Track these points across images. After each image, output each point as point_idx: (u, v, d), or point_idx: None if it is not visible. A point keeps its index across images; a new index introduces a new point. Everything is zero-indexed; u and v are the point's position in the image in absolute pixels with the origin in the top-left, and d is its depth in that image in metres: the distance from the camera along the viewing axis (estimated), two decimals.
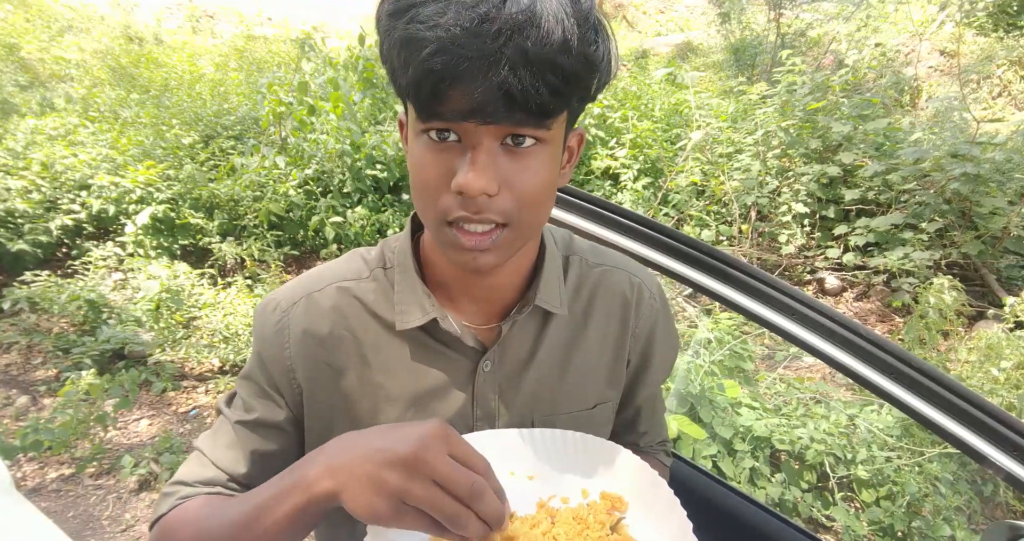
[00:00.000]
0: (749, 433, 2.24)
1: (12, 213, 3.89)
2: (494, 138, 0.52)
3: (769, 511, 1.07)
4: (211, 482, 0.69)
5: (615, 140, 5.17)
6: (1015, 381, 2.59)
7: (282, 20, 9.85)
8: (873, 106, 4.67)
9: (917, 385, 0.78)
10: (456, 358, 0.69)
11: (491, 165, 0.52)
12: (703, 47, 9.56)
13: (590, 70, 0.50)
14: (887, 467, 2.19)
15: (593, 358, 0.76)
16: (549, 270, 0.71)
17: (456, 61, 0.46)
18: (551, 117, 0.51)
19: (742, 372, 2.62)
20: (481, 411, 0.71)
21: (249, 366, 0.72)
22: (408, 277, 0.69)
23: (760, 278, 0.87)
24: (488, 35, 0.45)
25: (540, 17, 0.46)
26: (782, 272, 4.38)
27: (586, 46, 0.49)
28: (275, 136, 4.67)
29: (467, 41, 0.45)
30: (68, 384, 2.79)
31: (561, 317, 0.73)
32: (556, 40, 0.46)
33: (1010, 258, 4.00)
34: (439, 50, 0.46)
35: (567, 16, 0.47)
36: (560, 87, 0.48)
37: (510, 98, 0.47)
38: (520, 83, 0.46)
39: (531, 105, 0.48)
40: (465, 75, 0.46)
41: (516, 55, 0.45)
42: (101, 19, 9.05)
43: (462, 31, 0.45)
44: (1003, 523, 0.76)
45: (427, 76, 0.47)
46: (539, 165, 0.54)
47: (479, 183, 0.51)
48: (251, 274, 4.00)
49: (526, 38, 0.45)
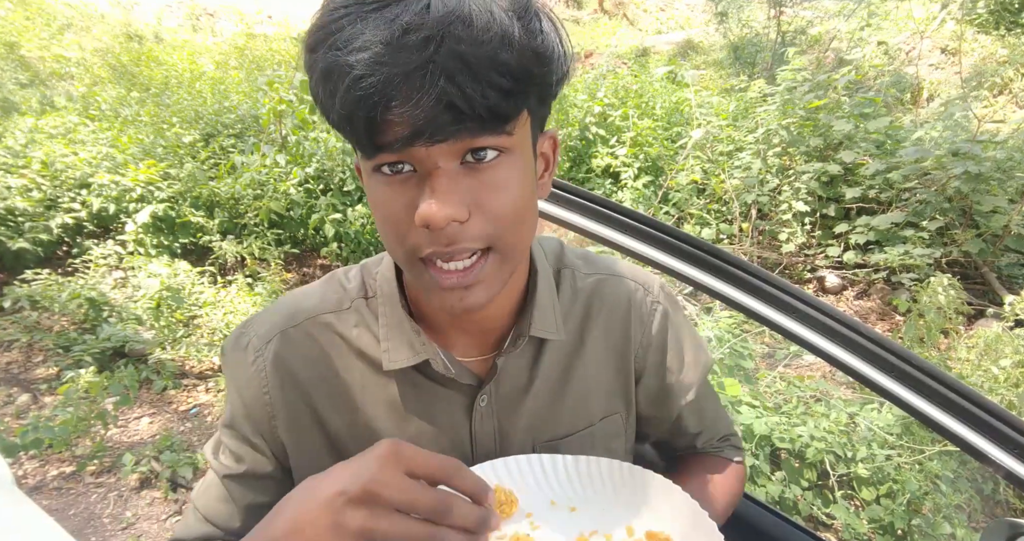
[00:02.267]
0: (749, 431, 2.24)
1: (12, 211, 3.89)
2: (451, 158, 0.46)
3: (769, 509, 1.07)
4: (208, 538, 0.67)
5: (616, 138, 5.17)
6: (1015, 379, 2.59)
7: (282, 18, 9.84)
8: (874, 104, 4.66)
9: (917, 383, 0.78)
10: (450, 395, 0.65)
11: (454, 189, 0.46)
12: (704, 45, 9.55)
13: (540, 63, 0.45)
14: (887, 465, 2.19)
15: (592, 374, 0.71)
16: (542, 294, 0.66)
17: (385, 81, 0.40)
18: (508, 121, 0.45)
19: (742, 370, 2.62)
20: (480, 447, 0.67)
21: (230, 413, 0.66)
22: (394, 310, 0.63)
23: (761, 276, 0.87)
24: (415, 45, 0.40)
25: (471, 14, 0.41)
26: (783, 270, 4.38)
27: (531, 38, 0.44)
28: (275, 134, 4.66)
29: (392, 57, 0.40)
30: (69, 382, 2.79)
31: (557, 340, 0.68)
32: (494, 36, 0.41)
33: (1011, 256, 4.00)
34: (365, 72, 0.40)
35: (502, 10, 0.42)
36: (509, 86, 0.43)
37: (455, 109, 0.42)
38: (461, 90, 0.41)
39: (481, 112, 0.43)
40: (399, 94, 0.41)
41: (450, 60, 0.40)
42: (101, 17, 9.04)
43: (385, 48, 0.40)
44: (1003, 521, 0.76)
45: (358, 104, 0.42)
46: (508, 177, 0.48)
47: (444, 211, 0.45)
48: (251, 272, 4.00)
49: (458, 40, 0.40)
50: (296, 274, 4.28)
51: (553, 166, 0.59)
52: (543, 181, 0.58)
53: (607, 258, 0.78)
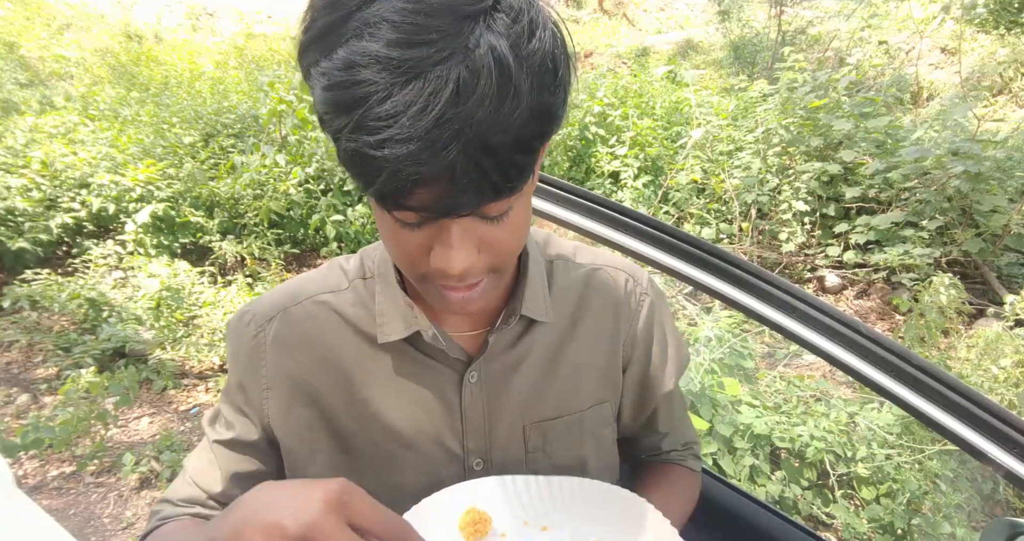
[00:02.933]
0: (749, 431, 2.24)
1: (12, 211, 3.89)
2: (472, 216, 0.48)
3: (769, 509, 1.07)
4: (192, 501, 0.70)
5: (615, 138, 5.17)
6: (1015, 379, 2.60)
7: (282, 18, 9.84)
8: (874, 104, 4.66)
9: (917, 383, 0.78)
10: (441, 369, 0.68)
11: (468, 239, 0.49)
12: (703, 45, 9.55)
13: (553, 121, 0.46)
14: (887, 465, 2.19)
15: (584, 360, 0.73)
16: (533, 278, 0.69)
17: (416, 176, 0.41)
18: (526, 180, 0.46)
19: (742, 370, 2.62)
20: (470, 422, 0.69)
21: (227, 383, 0.71)
22: (389, 288, 0.67)
23: (761, 276, 0.87)
24: (446, 140, 0.40)
25: (499, 100, 0.40)
26: (783, 270, 4.38)
27: (548, 96, 0.44)
28: (275, 134, 4.66)
29: (425, 156, 0.40)
30: (69, 382, 2.79)
31: (548, 323, 0.71)
32: (520, 115, 0.41)
33: (1010, 256, 4.00)
34: (399, 169, 0.41)
35: (525, 80, 0.41)
36: (528, 158, 0.45)
37: (480, 189, 0.44)
38: (487, 177, 0.43)
39: (504, 189, 0.45)
40: (433, 181, 0.42)
41: (479, 151, 0.41)
42: (101, 17, 9.05)
43: (419, 145, 0.40)
44: (1003, 520, 0.76)
45: (389, 187, 0.43)
46: (515, 219, 0.51)
47: (461, 264, 0.48)
48: (251, 272, 4.00)
49: (490, 130, 0.40)
50: (296, 274, 4.28)
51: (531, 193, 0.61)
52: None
53: (598, 250, 0.80)
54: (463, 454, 0.69)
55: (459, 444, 0.69)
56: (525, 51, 0.42)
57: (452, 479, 0.68)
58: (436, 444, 0.68)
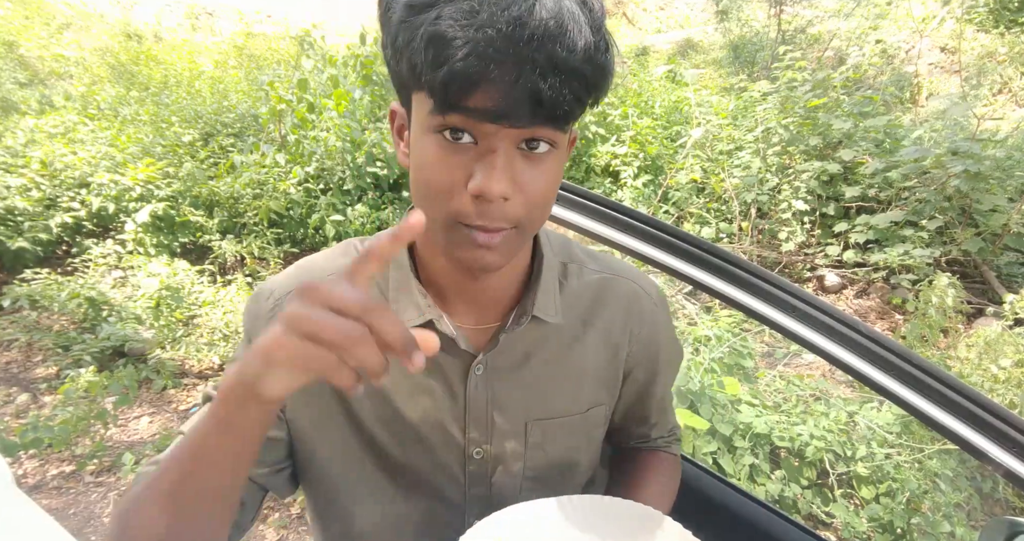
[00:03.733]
0: (749, 430, 2.24)
1: (12, 211, 3.89)
2: (512, 142, 0.51)
3: (769, 508, 1.07)
4: None
5: (615, 137, 5.16)
6: (1015, 379, 2.60)
7: (282, 18, 9.83)
8: (873, 103, 4.66)
9: (917, 382, 0.78)
10: (448, 360, 0.69)
11: (510, 169, 0.52)
12: (703, 44, 9.55)
13: (605, 78, 0.51)
14: (887, 464, 2.19)
15: (589, 364, 0.75)
16: (546, 280, 0.70)
17: (490, 63, 0.45)
18: (571, 122, 0.52)
19: (742, 369, 2.62)
20: (473, 413, 0.70)
21: (238, 352, 0.71)
22: (403, 274, 0.68)
23: (760, 275, 0.87)
24: (521, 39, 0.45)
25: (566, 25, 0.46)
26: (782, 269, 4.38)
27: (602, 54, 0.49)
28: (275, 134, 4.66)
29: (502, 44, 0.45)
30: (68, 382, 2.79)
31: (558, 324, 0.72)
32: (581, 48, 0.47)
33: (1010, 255, 4.00)
34: (473, 52, 0.45)
35: (586, 24, 0.48)
36: (582, 94, 0.49)
37: (538, 103, 0.47)
38: (550, 90, 0.47)
39: (557, 111, 0.48)
40: (497, 78, 0.46)
41: (546, 61, 0.46)
42: (100, 16, 9.04)
43: (496, 33, 0.44)
44: (1002, 519, 0.76)
45: (458, 76, 0.46)
46: (551, 169, 0.55)
47: (500, 187, 0.50)
48: (251, 272, 4.00)
49: (556, 45, 0.45)
50: None
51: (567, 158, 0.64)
52: None
53: (611, 257, 0.82)
54: (464, 442, 0.71)
55: (461, 432, 0.70)
56: (589, 5, 0.49)
57: (453, 465, 0.71)
58: (440, 430, 0.70)
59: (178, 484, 0.52)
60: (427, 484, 0.73)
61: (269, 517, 2.34)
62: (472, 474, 0.73)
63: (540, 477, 0.76)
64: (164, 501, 0.52)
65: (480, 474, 0.73)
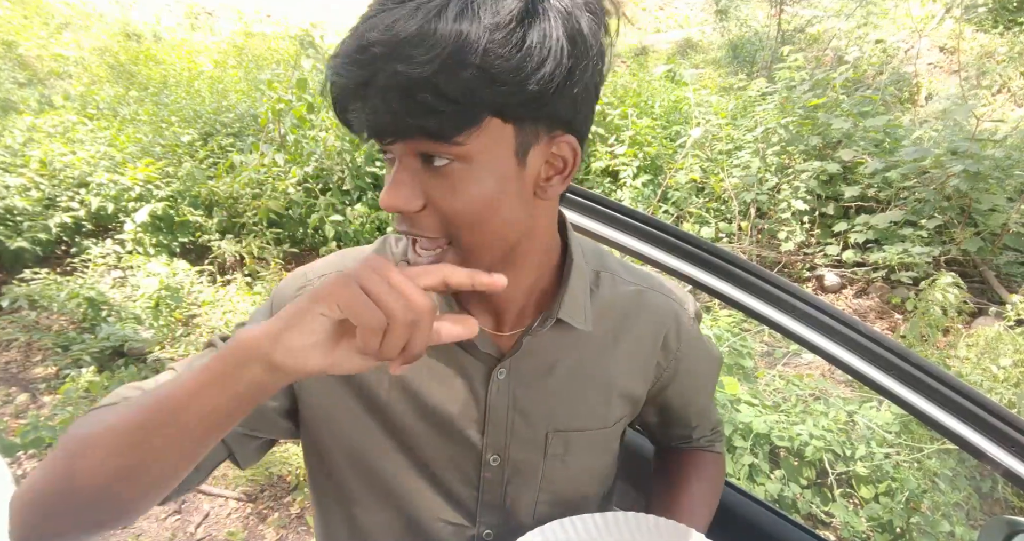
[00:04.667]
0: (748, 430, 2.24)
1: (11, 211, 3.89)
2: (410, 154, 0.50)
3: (768, 507, 1.07)
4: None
5: (614, 137, 5.16)
6: (1015, 378, 2.60)
7: (281, 17, 9.82)
8: (873, 103, 4.66)
9: (916, 382, 0.78)
10: (470, 361, 0.68)
11: (408, 181, 0.51)
12: (703, 44, 9.55)
13: (497, 82, 0.45)
14: (886, 463, 2.19)
15: (619, 378, 0.74)
16: (575, 285, 0.68)
17: (340, 88, 0.48)
18: (452, 135, 0.47)
19: (741, 369, 2.63)
20: (493, 418, 0.69)
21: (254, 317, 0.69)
22: None
23: (759, 275, 0.87)
24: (361, 62, 0.45)
25: (423, 36, 0.43)
26: (782, 269, 4.38)
27: (495, 57, 0.44)
28: (274, 133, 4.66)
29: (346, 70, 0.46)
30: (68, 382, 2.79)
31: (586, 333, 0.70)
32: (437, 58, 0.43)
33: (1009, 255, 4.00)
34: (331, 78, 0.48)
35: (483, 26, 0.43)
36: (445, 108, 0.45)
37: (396, 119, 0.46)
38: (388, 108, 0.45)
39: (414, 128, 0.47)
40: (348, 101, 0.48)
41: (386, 79, 0.44)
42: (99, 16, 9.03)
43: (343, 60, 0.46)
44: (1001, 519, 0.77)
45: (334, 100, 0.49)
46: (462, 184, 0.50)
47: (390, 200, 0.51)
48: (250, 272, 4.00)
49: (401, 60, 0.43)
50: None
51: (569, 170, 0.57)
52: (548, 184, 0.57)
53: (643, 269, 0.81)
54: (481, 447, 0.70)
55: (479, 436, 0.69)
56: (484, 11, 0.44)
57: (469, 468, 0.71)
58: (458, 431, 0.69)
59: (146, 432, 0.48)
60: (441, 487, 0.71)
61: (269, 517, 2.34)
62: (486, 481, 0.71)
63: (557, 490, 0.75)
64: (124, 447, 0.48)
65: (495, 481, 0.72)
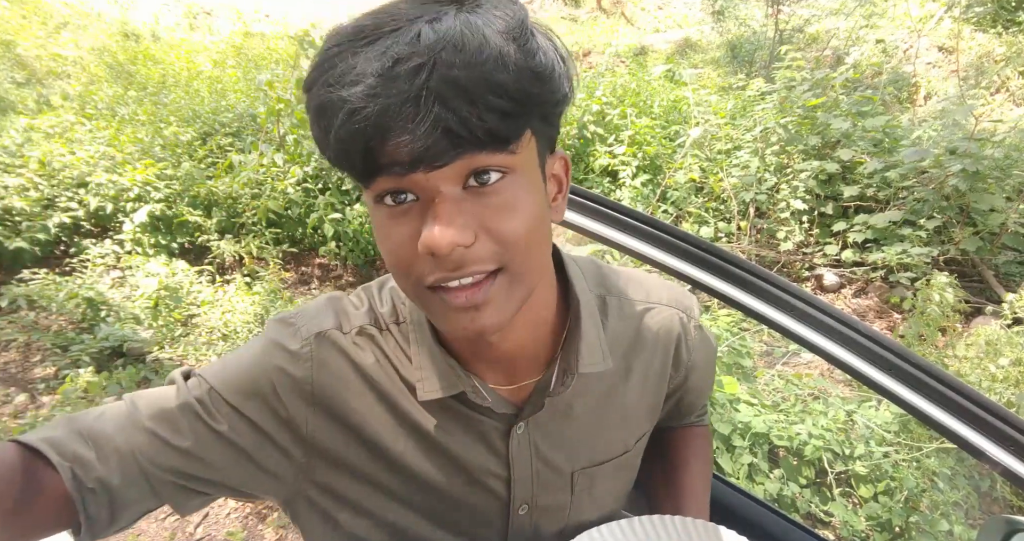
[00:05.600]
0: (747, 429, 2.25)
1: (10, 211, 3.88)
2: (453, 183, 0.45)
3: (768, 507, 1.07)
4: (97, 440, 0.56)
5: (613, 137, 5.17)
6: (1013, 378, 2.60)
7: (280, 17, 9.82)
8: (872, 102, 4.67)
9: (915, 381, 0.78)
10: (486, 421, 0.64)
11: (457, 213, 0.45)
12: (702, 43, 9.55)
13: (538, 82, 0.44)
14: (885, 462, 2.19)
15: (635, 402, 0.72)
16: (587, 328, 0.64)
17: (380, 112, 0.41)
18: (510, 141, 0.45)
19: (740, 369, 2.63)
20: (518, 472, 0.66)
21: (237, 380, 0.60)
22: (425, 339, 0.62)
23: (758, 275, 0.87)
24: (407, 74, 0.40)
25: (462, 39, 0.41)
26: (781, 269, 4.38)
27: (528, 58, 0.43)
28: (273, 133, 4.65)
29: (385, 88, 0.40)
30: (67, 382, 2.79)
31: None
32: (487, 58, 0.41)
33: (1008, 254, 4.01)
34: (358, 106, 0.41)
35: (496, 32, 0.42)
36: (507, 106, 0.42)
37: (452, 134, 0.41)
38: (457, 114, 0.41)
39: (479, 134, 0.42)
40: (395, 125, 0.41)
41: (443, 86, 0.40)
42: (98, 16, 9.02)
43: (377, 79, 0.40)
44: (1000, 518, 0.77)
45: (354, 137, 0.42)
46: (515, 198, 0.47)
47: (447, 237, 0.44)
48: (250, 271, 3.99)
49: (450, 65, 0.40)
50: (294, 273, 4.28)
51: (566, 188, 0.58)
52: (556, 204, 0.56)
53: (648, 279, 0.77)
54: (508, 498, 0.68)
55: (505, 490, 0.67)
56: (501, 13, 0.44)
57: (495, 518, 0.69)
58: (481, 487, 0.67)
59: None
60: (465, 533, 0.69)
61: (268, 517, 2.33)
62: (515, 526, 0.70)
63: (584, 518, 0.74)
64: None
65: (523, 526, 0.70)
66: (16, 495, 0.51)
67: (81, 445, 0.54)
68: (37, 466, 0.53)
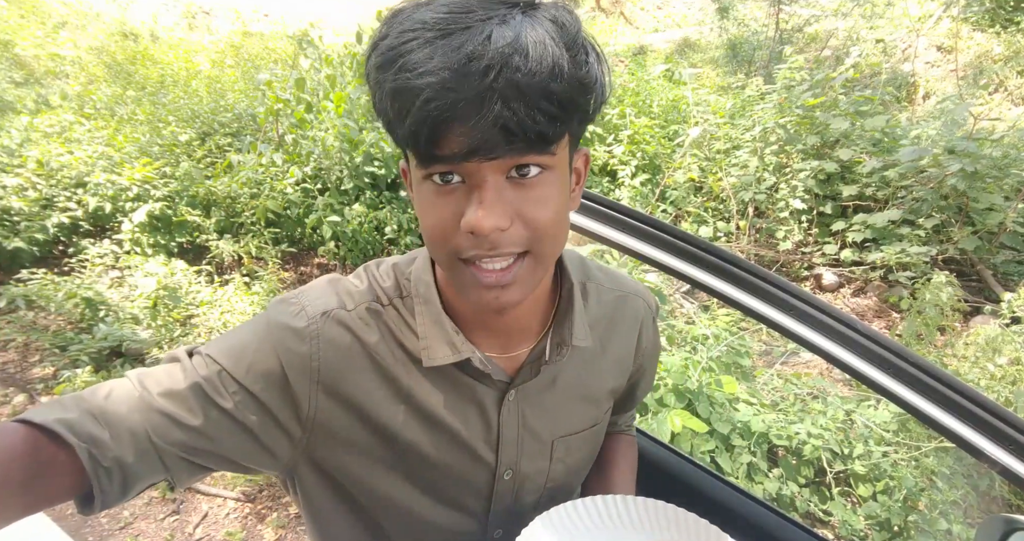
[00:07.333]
0: (747, 429, 2.25)
1: (8, 211, 3.87)
2: (498, 172, 0.51)
3: (767, 506, 1.08)
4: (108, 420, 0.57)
5: (613, 136, 5.17)
6: (1012, 377, 2.61)
7: (279, 16, 9.81)
8: (871, 102, 4.67)
9: (914, 380, 0.78)
10: (482, 389, 0.70)
11: (499, 200, 0.51)
12: (701, 43, 9.56)
13: (584, 92, 0.50)
14: (884, 462, 2.20)
15: (607, 380, 0.80)
16: (577, 306, 0.72)
17: (451, 104, 0.46)
18: (553, 143, 0.51)
19: (740, 368, 2.63)
20: (505, 438, 0.73)
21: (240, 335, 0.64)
22: (432, 310, 0.67)
23: (758, 274, 0.87)
24: (477, 73, 0.45)
25: (527, 47, 0.46)
26: (780, 268, 4.39)
27: (577, 69, 0.49)
28: (272, 133, 4.65)
29: (458, 83, 0.45)
30: (65, 382, 2.79)
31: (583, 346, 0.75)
32: (546, 68, 0.46)
33: (1006, 253, 4.02)
34: (433, 96, 0.46)
35: (554, 43, 0.47)
36: (556, 113, 0.48)
37: (508, 131, 0.47)
38: (515, 115, 0.46)
39: (530, 135, 0.48)
40: (461, 116, 0.46)
41: (508, 88, 0.46)
42: (97, 15, 9.00)
43: (451, 74, 0.45)
44: (998, 517, 0.77)
45: (424, 123, 0.47)
46: (548, 192, 0.54)
47: (489, 221, 0.50)
48: (248, 271, 3.99)
49: (515, 70, 0.45)
50: (293, 273, 4.27)
51: (583, 180, 0.64)
52: (574, 194, 0.62)
53: (620, 273, 0.86)
54: (495, 464, 0.73)
55: (493, 456, 0.73)
56: (560, 22, 0.50)
57: (482, 484, 0.74)
58: (471, 454, 0.72)
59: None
60: (451, 501, 0.74)
61: (267, 517, 2.33)
62: (499, 492, 0.76)
63: (558, 485, 0.81)
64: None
65: (506, 492, 0.76)
66: (32, 472, 0.53)
67: (95, 426, 0.57)
68: (52, 446, 0.55)
